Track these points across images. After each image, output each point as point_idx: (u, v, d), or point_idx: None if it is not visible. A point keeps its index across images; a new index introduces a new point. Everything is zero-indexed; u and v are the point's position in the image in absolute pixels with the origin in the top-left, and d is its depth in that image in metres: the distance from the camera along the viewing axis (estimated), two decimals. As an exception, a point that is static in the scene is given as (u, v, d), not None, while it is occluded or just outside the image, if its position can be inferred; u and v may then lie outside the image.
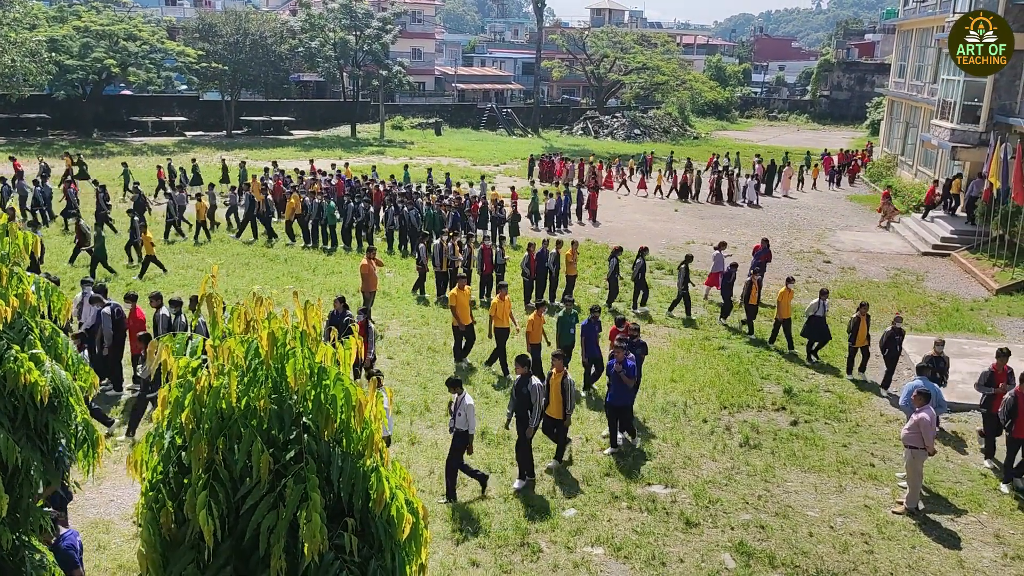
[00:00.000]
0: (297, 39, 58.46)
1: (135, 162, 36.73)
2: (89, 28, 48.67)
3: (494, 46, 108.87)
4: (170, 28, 58.09)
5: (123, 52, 48.82)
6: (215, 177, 33.90)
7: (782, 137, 67.13)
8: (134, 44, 49.42)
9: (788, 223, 32.46)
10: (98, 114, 53.22)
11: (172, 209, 25.65)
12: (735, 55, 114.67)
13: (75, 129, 51.88)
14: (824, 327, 17.23)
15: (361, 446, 4.23)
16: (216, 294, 4.25)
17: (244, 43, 54.78)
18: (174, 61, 52.41)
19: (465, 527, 10.64)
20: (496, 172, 43.52)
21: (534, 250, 20.07)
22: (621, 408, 12.91)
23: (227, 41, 54.24)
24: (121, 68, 48.90)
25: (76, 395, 5.90)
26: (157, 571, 4.05)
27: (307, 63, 60.99)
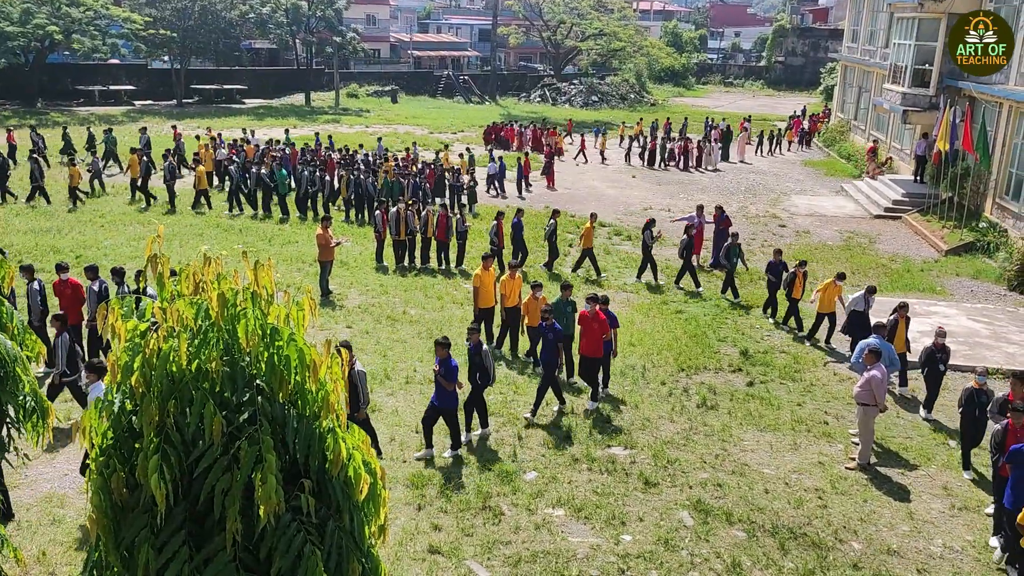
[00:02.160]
0: (247, 5, 57.21)
1: (80, 132, 35.74)
2: (29, -7, 47.08)
3: (450, 12, 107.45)
4: (115, -7, 56.45)
5: (66, 18, 47.34)
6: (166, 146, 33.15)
7: (738, 103, 67.48)
8: (77, 10, 47.93)
9: (744, 188, 32.74)
10: (42, 83, 51.65)
11: (36, 175, 25.49)
12: (691, 21, 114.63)
13: (18, 99, 50.36)
14: (868, 324, 15.04)
15: (317, 407, 4.19)
16: (162, 255, 4.15)
17: (193, 9, 53.49)
18: (120, 28, 50.98)
19: (427, 492, 10.67)
20: (454, 140, 43.18)
21: (503, 219, 20.00)
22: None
23: (175, 7, 52.93)
24: (64, 35, 47.43)
25: (23, 365, 5.78)
26: (109, 537, 3.98)
27: (258, 30, 59.76)
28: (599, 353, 13.25)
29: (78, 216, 24.00)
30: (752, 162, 38.95)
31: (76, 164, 25.91)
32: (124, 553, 3.99)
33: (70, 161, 26.41)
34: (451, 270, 20.41)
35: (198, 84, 57.77)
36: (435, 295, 18.41)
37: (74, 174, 25.13)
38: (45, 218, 23.60)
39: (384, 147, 33.73)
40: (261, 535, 3.95)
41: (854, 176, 34.54)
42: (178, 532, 3.91)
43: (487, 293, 15.24)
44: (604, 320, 13.22)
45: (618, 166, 36.86)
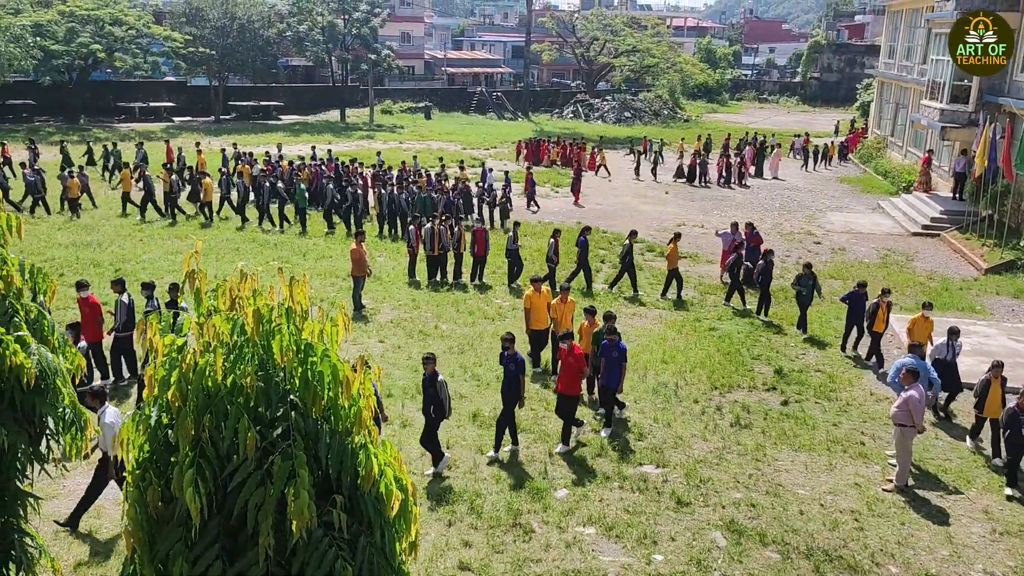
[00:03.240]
0: (285, 23, 58.03)
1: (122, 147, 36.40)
2: (74, 13, 48.20)
3: (484, 30, 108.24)
4: (156, 13, 57.63)
5: (109, 37, 48.40)
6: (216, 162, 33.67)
7: (772, 119, 67.08)
8: (120, 29, 48.98)
9: (778, 204, 32.48)
10: (85, 100, 52.78)
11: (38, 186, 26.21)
12: (725, 37, 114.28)
13: (61, 115, 51.46)
14: (955, 374, 14.08)
15: (349, 423, 4.21)
16: (200, 270, 4.21)
17: (231, 27, 54.37)
18: (161, 46, 51.97)
19: (457, 508, 10.66)
20: (486, 156, 43.36)
21: (560, 236, 20.05)
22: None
23: (214, 25, 53.82)
24: (107, 53, 48.48)
25: (63, 377, 5.86)
26: (144, 549, 4.03)
27: (295, 47, 60.58)
28: (575, 390, 12.31)
29: (117, 230, 24.42)
30: (786, 178, 38.63)
31: (75, 177, 26.53)
32: (159, 566, 4.03)
33: (69, 174, 27.02)
34: (484, 284, 20.42)
35: (236, 101, 58.66)
36: (466, 310, 18.45)
37: (72, 186, 25.87)
38: (86, 232, 24.04)
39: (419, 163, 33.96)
40: (293, 550, 3.97)
41: (891, 193, 34.12)
42: (212, 546, 3.94)
43: (538, 315, 15.00)
44: (581, 355, 12.38)
45: (650, 181, 36.75)
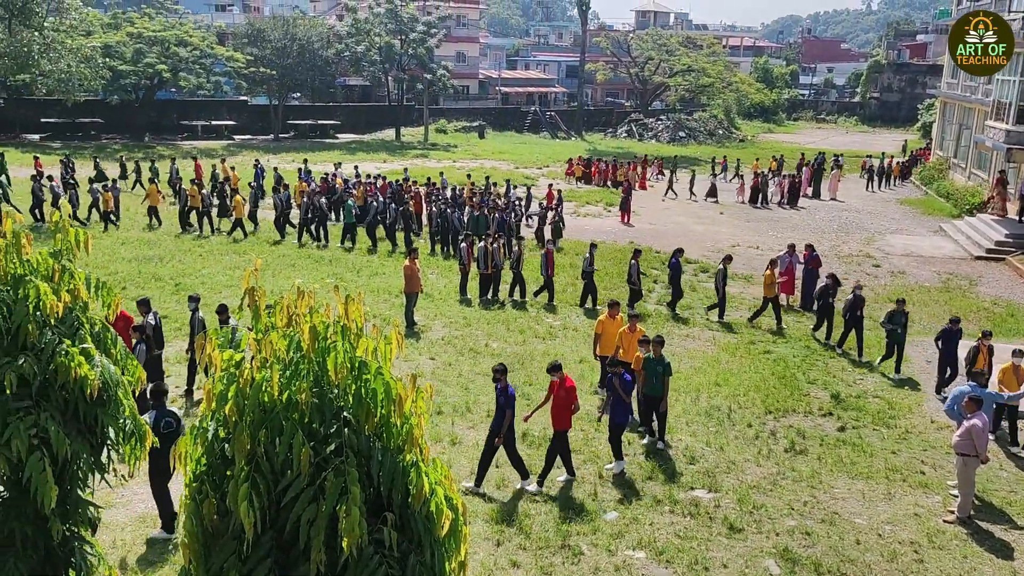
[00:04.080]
0: (343, 44, 59.13)
1: (184, 164, 37.31)
2: (142, 34, 49.78)
3: (538, 49, 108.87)
4: (220, 34, 59.27)
5: (174, 57, 49.85)
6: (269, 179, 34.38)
7: (830, 139, 66.12)
8: (185, 50, 50.42)
9: (836, 226, 31.94)
10: (150, 118, 54.34)
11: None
12: (782, 57, 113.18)
13: (128, 133, 53.03)
14: None
15: (401, 441, 4.23)
16: (259, 287, 4.29)
17: (291, 48, 55.59)
18: (223, 66, 53.38)
19: (506, 528, 10.62)
20: (539, 175, 43.50)
21: (640, 257, 19.98)
22: None
23: (275, 46, 55.10)
24: (172, 73, 49.92)
25: (124, 389, 6.00)
26: (199, 562, 4.08)
27: (353, 67, 61.64)
28: (564, 425, 11.66)
29: (178, 245, 25.02)
30: (844, 199, 37.99)
31: (108, 190, 27.32)
32: (213, 578, 4.09)
33: (104, 187, 27.85)
34: (554, 306, 20.23)
35: (294, 119, 59.86)
36: (517, 329, 18.46)
37: (106, 199, 26.63)
38: (148, 247, 24.67)
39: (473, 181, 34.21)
40: (344, 566, 3.99)
41: (953, 215, 33.31)
42: (264, 560, 3.98)
43: (608, 340, 14.49)
44: (572, 388, 11.63)
45: (705, 202, 36.44)
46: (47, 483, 5.39)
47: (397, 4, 60.18)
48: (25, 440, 5.39)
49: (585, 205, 34.73)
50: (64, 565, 5.85)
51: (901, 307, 16.36)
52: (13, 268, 5.71)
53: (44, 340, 5.60)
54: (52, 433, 5.49)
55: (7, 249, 5.74)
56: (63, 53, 34.94)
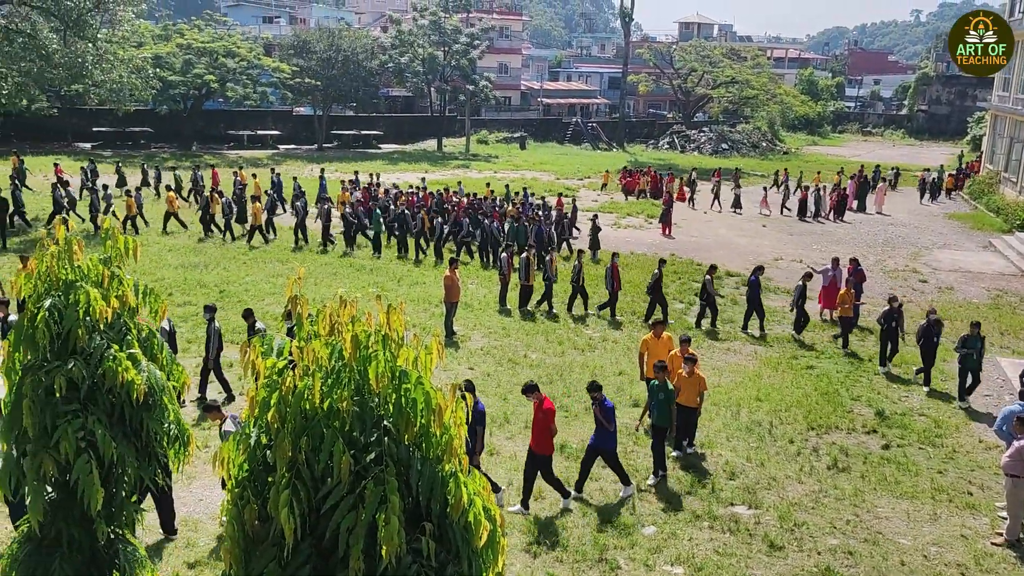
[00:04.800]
0: (387, 55, 59.76)
1: (229, 173, 37.90)
2: (191, 45, 50.82)
3: (580, 61, 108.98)
4: (266, 45, 60.24)
5: (222, 68, 50.80)
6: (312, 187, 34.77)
7: (876, 152, 65.15)
8: (232, 60, 51.35)
9: (882, 240, 31.44)
10: (198, 128, 55.36)
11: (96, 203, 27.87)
12: (828, 69, 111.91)
13: (176, 142, 54.06)
14: None
15: (440, 451, 4.24)
16: (302, 296, 4.34)
17: (336, 59, 56.32)
18: (270, 76, 54.25)
19: (543, 540, 10.58)
20: (580, 186, 43.48)
21: (715, 273, 19.69)
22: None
23: (320, 57, 55.86)
24: (220, 83, 50.84)
25: (170, 394, 6.11)
26: (239, 566, 4.13)
27: (396, 78, 62.25)
28: (546, 450, 11.12)
29: (223, 252, 25.41)
30: (890, 213, 37.38)
31: (132, 196, 27.87)
32: (253, 583, 4.13)
33: (126, 192, 28.49)
34: (617, 321, 19.99)
35: (338, 130, 60.57)
36: (556, 340, 18.42)
37: (129, 205, 27.13)
38: (194, 254, 25.09)
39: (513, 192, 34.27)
40: (383, 575, 4.00)
41: (1004, 230, 32.60)
42: (304, 567, 4.01)
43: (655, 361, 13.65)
44: (549, 410, 11.05)
45: (749, 214, 36.11)
46: (94, 485, 5.49)
47: (441, 16, 60.71)
48: (73, 443, 5.51)
49: (626, 217, 34.61)
50: (108, 566, 5.94)
51: (976, 331, 15.36)
52: (65, 274, 5.84)
53: (93, 345, 5.72)
54: (99, 436, 5.59)
55: (59, 255, 5.88)
56: (115, 64, 35.67)
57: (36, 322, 5.63)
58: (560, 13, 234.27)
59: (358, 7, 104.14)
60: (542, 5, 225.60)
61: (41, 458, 5.54)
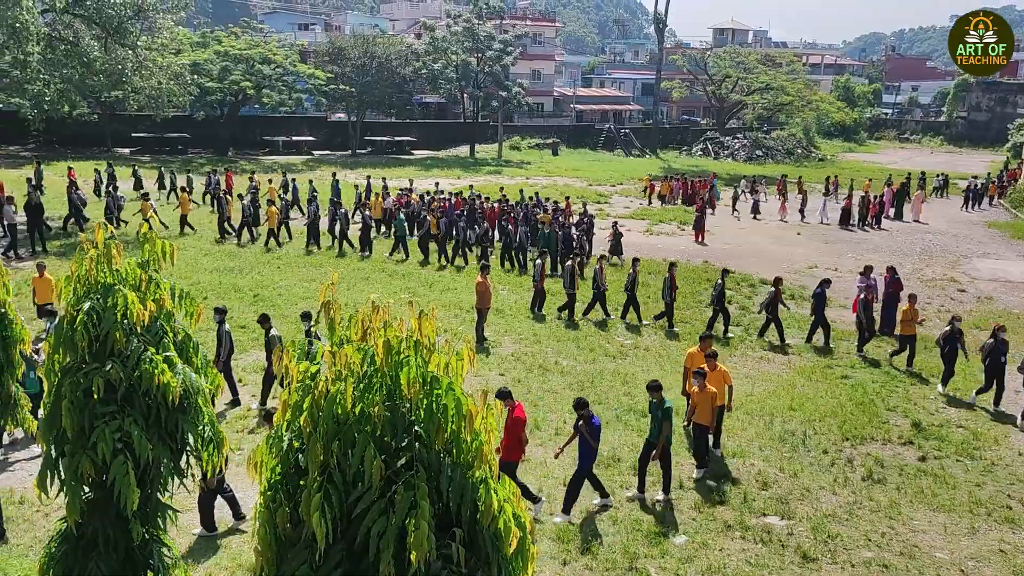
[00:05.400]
0: (421, 61, 60.13)
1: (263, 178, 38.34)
2: (228, 52, 51.52)
3: (614, 67, 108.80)
4: (302, 52, 60.83)
5: (258, 75, 51.43)
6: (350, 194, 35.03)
7: (914, 160, 64.25)
8: (268, 67, 51.97)
9: (919, 249, 30.97)
10: (234, 133, 56.04)
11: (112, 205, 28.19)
12: (865, 75, 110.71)
13: (212, 148, 54.77)
14: None
15: (471, 457, 4.24)
16: (335, 301, 4.37)
17: (371, 66, 56.79)
18: (305, 83, 54.82)
19: (572, 548, 10.54)
20: (612, 192, 43.37)
21: (781, 285, 19.14)
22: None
23: (355, 64, 56.35)
24: (256, 90, 51.48)
25: (204, 397, 6.18)
26: (271, 569, 4.17)
27: (430, 85, 62.60)
28: (513, 456, 11.02)
29: (258, 257, 25.68)
30: (928, 221, 36.83)
31: (148, 199, 28.35)
32: (284, 586, 4.16)
33: (142, 196, 29.08)
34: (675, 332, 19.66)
35: (372, 136, 60.99)
36: (587, 347, 18.36)
37: (145, 208, 27.43)
38: (229, 258, 25.38)
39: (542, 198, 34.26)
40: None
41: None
42: (335, 570, 4.04)
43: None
44: (519, 419, 10.94)
45: (782, 223, 35.77)
46: (130, 486, 5.57)
47: (474, 23, 60.97)
48: (110, 443, 5.59)
49: (658, 223, 34.46)
50: (143, 567, 6.02)
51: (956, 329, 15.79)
52: (103, 277, 5.94)
53: (130, 347, 5.81)
54: (135, 438, 5.68)
55: (98, 259, 5.98)
56: (154, 71, 36.33)
57: (75, 324, 5.73)
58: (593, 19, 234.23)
59: (392, 14, 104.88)
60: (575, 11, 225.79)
61: (79, 458, 5.63)
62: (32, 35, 28.37)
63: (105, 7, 31.68)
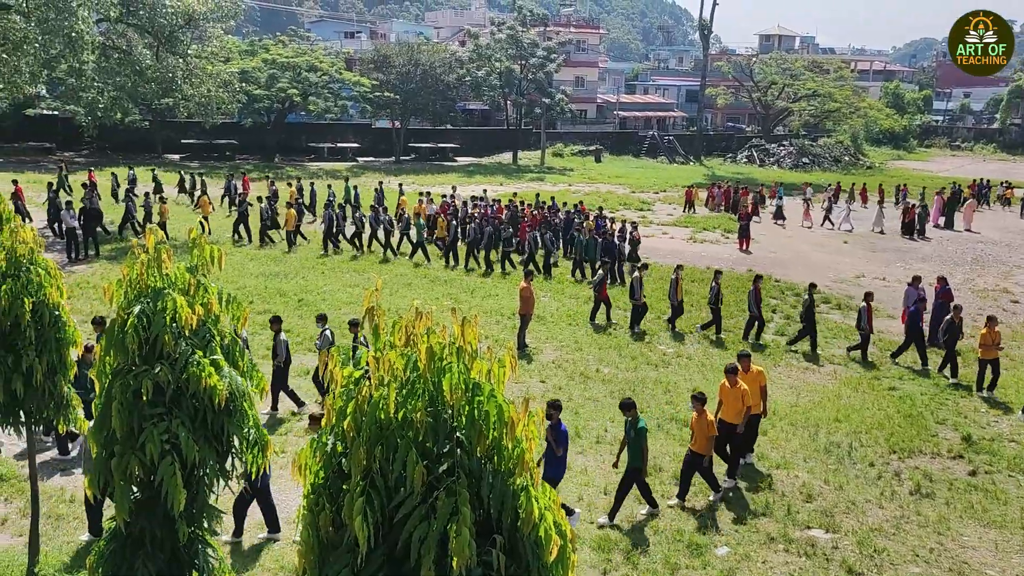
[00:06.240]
0: (465, 69, 60.42)
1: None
2: (276, 60, 52.27)
3: (658, 73, 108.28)
4: (348, 59, 61.53)
5: (305, 82, 52.09)
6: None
7: (965, 168, 62.90)
8: (315, 75, 52.61)
9: (971, 258, 30.30)
10: (280, 140, 56.80)
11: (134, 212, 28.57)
12: (915, 81, 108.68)
13: (259, 154, 55.56)
14: None
15: (512, 464, 4.24)
16: (379, 307, 4.41)
17: (415, 73, 57.22)
18: (350, 90, 55.37)
19: (613, 557, 10.48)
20: (655, 200, 43.13)
21: (872, 299, 18.49)
22: None
23: (399, 71, 56.83)
24: (302, 97, 52.14)
25: (250, 400, 6.28)
26: (313, 571, 4.21)
27: (473, 92, 62.85)
28: None
29: (302, 262, 25.99)
30: (980, 231, 36.02)
31: (165, 202, 28.91)
32: (327, 589, 4.19)
33: (160, 199, 29.68)
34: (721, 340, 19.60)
35: (415, 142, 61.42)
36: (629, 355, 18.26)
37: (163, 211, 27.98)
38: (274, 263, 25.73)
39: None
40: (453, 586, 4.02)
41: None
42: (376, 574, 4.06)
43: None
44: None
45: (829, 231, 35.25)
46: (177, 486, 5.67)
47: (518, 30, 61.13)
48: (158, 444, 5.70)
49: (702, 231, 34.18)
50: (188, 566, 6.12)
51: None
52: (154, 281, 6.06)
53: (179, 350, 5.92)
54: (183, 439, 5.78)
55: (149, 263, 6.11)
56: (204, 79, 37.06)
57: (126, 328, 5.86)
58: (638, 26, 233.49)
59: (437, 22, 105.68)
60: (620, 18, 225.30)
61: (128, 459, 5.75)
62: (87, 44, 29.10)
63: (157, 16, 32.42)
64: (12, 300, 8.10)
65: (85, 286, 21.52)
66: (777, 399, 15.68)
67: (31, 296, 8.21)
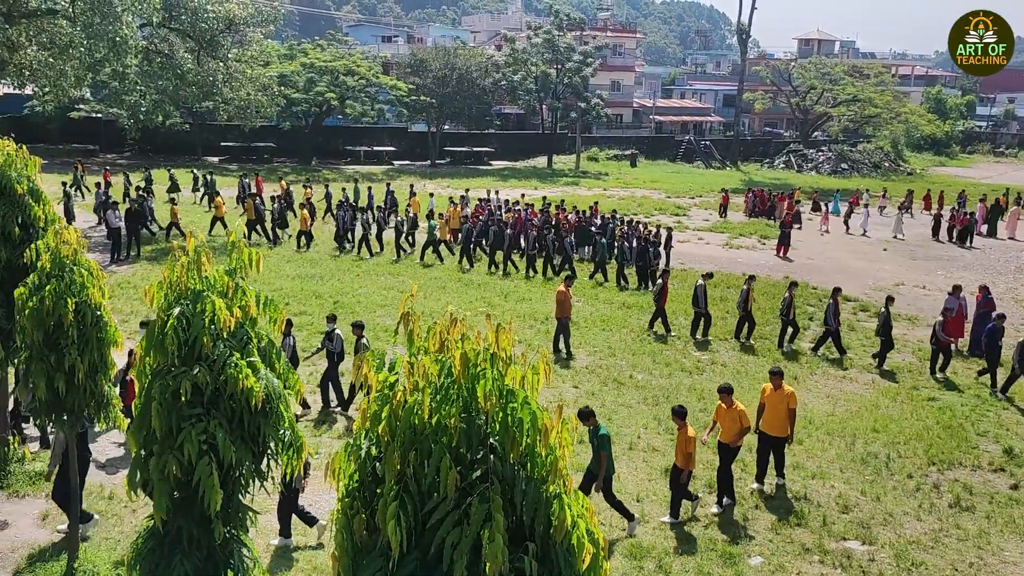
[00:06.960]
0: (500, 73, 60.56)
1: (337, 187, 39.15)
2: (314, 64, 52.83)
3: (695, 78, 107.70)
4: (385, 63, 61.95)
5: (342, 86, 52.57)
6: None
7: (1009, 175, 61.73)
8: (352, 79, 53.07)
9: (1014, 267, 29.71)
10: (317, 143, 57.36)
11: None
12: (958, 86, 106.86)
13: (296, 157, 56.15)
14: None
15: (545, 471, 4.24)
16: (414, 312, 4.43)
17: (451, 77, 57.48)
18: (387, 94, 55.78)
19: (646, 565, 10.42)
20: (691, 205, 42.87)
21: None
22: None
23: (436, 75, 57.12)
24: (340, 101, 52.62)
25: (285, 402, 6.34)
26: (348, 574, 4.24)
27: (509, 96, 62.96)
28: None
29: (338, 264, 26.21)
30: (1022, 239, 35.31)
31: (177, 204, 29.32)
32: (359, 592, 4.22)
33: (171, 200, 30.27)
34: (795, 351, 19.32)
35: (451, 146, 61.66)
36: (663, 361, 18.15)
37: (175, 211, 28.33)
38: (311, 265, 25.97)
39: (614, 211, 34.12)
40: (486, 592, 4.02)
41: None
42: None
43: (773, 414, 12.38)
44: None
45: (869, 238, 34.78)
46: (214, 487, 5.74)
47: (555, 34, 61.13)
48: (196, 445, 5.78)
49: (738, 237, 33.91)
50: (223, 565, 6.19)
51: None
52: (193, 284, 6.15)
53: (217, 352, 6.00)
54: (220, 440, 5.86)
55: (188, 266, 6.20)
56: (244, 82, 37.64)
57: (165, 329, 5.95)
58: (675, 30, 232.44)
59: (474, 26, 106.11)
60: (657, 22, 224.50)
61: (166, 458, 5.84)
62: (131, 48, 29.66)
63: (199, 21, 32.96)
64: (56, 300, 8.27)
65: (126, 286, 21.90)
66: (813, 408, 15.50)
67: (74, 296, 8.37)
